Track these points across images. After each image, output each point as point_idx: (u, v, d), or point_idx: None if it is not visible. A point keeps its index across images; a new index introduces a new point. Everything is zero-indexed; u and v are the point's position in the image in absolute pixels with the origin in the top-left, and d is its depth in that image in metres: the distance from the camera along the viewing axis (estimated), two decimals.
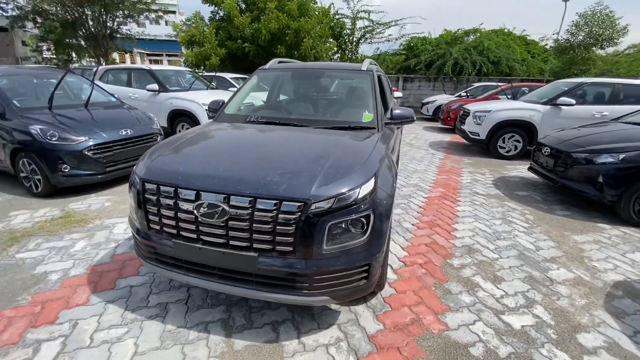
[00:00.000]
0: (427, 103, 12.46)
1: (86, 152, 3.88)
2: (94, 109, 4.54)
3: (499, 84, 10.56)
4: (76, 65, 19.34)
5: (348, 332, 1.99)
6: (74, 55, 20.80)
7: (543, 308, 2.25)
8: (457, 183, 4.99)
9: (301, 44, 12.76)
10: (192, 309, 2.16)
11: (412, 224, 3.49)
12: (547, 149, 4.38)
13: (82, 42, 20.54)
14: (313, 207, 1.61)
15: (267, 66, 3.29)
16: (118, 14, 19.94)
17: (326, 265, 1.68)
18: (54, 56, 20.76)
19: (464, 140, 7.68)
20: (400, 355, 1.83)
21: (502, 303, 2.29)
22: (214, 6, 13.56)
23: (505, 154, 6.67)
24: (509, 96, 8.27)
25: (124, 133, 4.28)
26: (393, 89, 12.34)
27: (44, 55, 21.51)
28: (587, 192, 3.79)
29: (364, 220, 1.72)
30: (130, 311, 2.12)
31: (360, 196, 1.71)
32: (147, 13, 20.91)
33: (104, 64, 19.67)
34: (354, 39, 16.04)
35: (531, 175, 5.28)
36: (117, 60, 25.01)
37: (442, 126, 10.46)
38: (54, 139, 3.73)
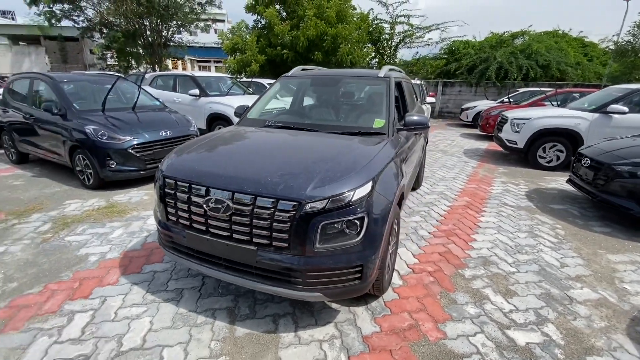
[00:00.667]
0: (467, 109, 11.98)
1: (130, 150, 4.32)
2: (140, 111, 5.04)
3: (546, 89, 9.87)
4: (134, 71, 21.18)
5: (344, 331, 2.05)
6: (133, 62, 22.88)
7: (555, 327, 2.13)
8: (486, 193, 4.79)
9: (338, 50, 12.94)
10: (204, 296, 2.35)
11: (429, 232, 3.44)
12: (586, 160, 4.06)
13: (140, 50, 22.54)
14: (307, 206, 1.71)
15: (289, 74, 3.46)
16: (172, 24, 21.59)
17: (319, 263, 1.77)
18: (117, 63, 23.02)
19: (501, 149, 7.30)
20: (391, 358, 1.85)
21: (509, 318, 2.20)
22: (256, 15, 14.24)
23: (546, 164, 6.24)
24: (556, 102, 7.72)
25: (163, 134, 4.69)
26: (430, 94, 12.10)
27: (108, 63, 23.89)
28: (630, 208, 3.46)
29: (357, 222, 1.79)
30: (151, 293, 2.37)
31: (354, 199, 1.78)
32: (197, 22, 22.41)
33: (157, 70, 21.37)
34: (393, 43, 15.90)
35: (571, 188, 4.91)
36: (170, 67, 27.08)
37: (481, 133, 10.00)
38: (104, 138, 4.22)
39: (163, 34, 22.31)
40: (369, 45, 15.75)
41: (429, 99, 7.24)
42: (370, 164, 2.02)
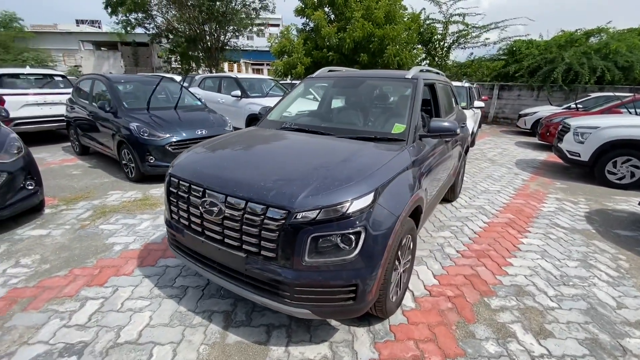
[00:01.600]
0: (525, 115, 10.86)
1: (167, 147, 4.57)
2: (181, 110, 5.33)
3: (624, 94, 8.55)
4: (193, 73, 22.74)
5: (337, 353, 1.89)
6: (193, 65, 24.65)
7: None
8: (534, 210, 4.23)
9: (385, 52, 12.58)
10: (206, 297, 2.34)
11: (457, 251, 3.10)
12: None
13: (200, 54, 24.19)
14: (297, 216, 1.59)
15: (314, 75, 3.37)
16: (228, 29, 22.85)
17: (308, 278, 1.64)
18: (180, 66, 25.01)
19: (561, 161, 6.45)
20: None
21: None
22: (305, 18, 14.43)
23: (616, 181, 5.36)
24: (634, 110, 6.62)
25: (199, 132, 4.90)
26: (483, 97, 11.19)
27: (172, 66, 26.02)
28: None
29: (353, 237, 1.62)
30: (158, 288, 2.43)
31: (349, 211, 1.62)
32: (251, 27, 23.45)
33: (214, 72, 22.74)
34: (445, 44, 15.04)
35: None
36: (226, 69, 28.71)
37: (539, 142, 8.98)
38: (145, 134, 4.51)
39: (220, 38, 23.72)
40: (419, 46, 15.08)
41: (478, 103, 6.64)
42: (375, 173, 1.84)
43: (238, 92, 7.45)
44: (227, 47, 25.80)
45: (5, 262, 2.70)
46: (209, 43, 24.07)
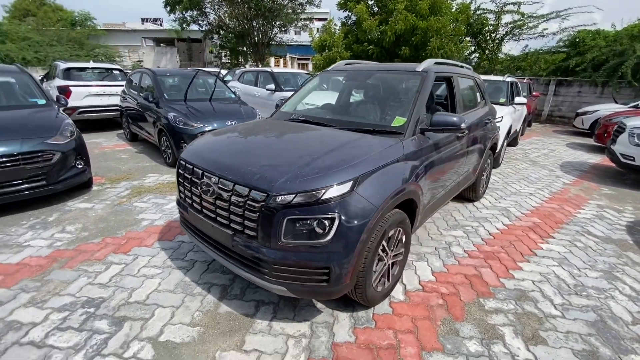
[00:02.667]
0: (584, 114, 9.82)
1: (200, 136, 4.94)
2: (215, 102, 5.70)
3: None
4: (241, 67, 23.81)
5: (316, 332, 1.99)
6: (241, 59, 25.77)
7: None
8: (567, 216, 3.91)
9: (428, 45, 12.11)
10: (209, 271, 2.57)
11: (465, 250, 3.01)
12: None
13: (247, 50, 25.20)
14: (275, 199, 1.71)
15: (329, 68, 3.43)
16: (275, 24, 23.46)
17: (283, 257, 1.75)
18: (229, 61, 26.31)
19: (614, 165, 5.80)
20: None
21: None
22: (347, 11, 14.36)
23: None
24: None
25: (229, 123, 5.21)
26: (534, 93, 10.33)
27: (222, 61, 27.43)
28: None
29: (326, 222, 1.70)
30: (171, 259, 2.71)
31: (324, 197, 1.70)
32: (297, 22, 23.86)
33: (260, 66, 23.61)
34: (497, 36, 14.03)
35: None
36: (273, 64, 29.60)
37: (595, 144, 8.09)
38: (180, 124, 4.92)
39: (267, 34, 24.46)
40: (467, 38, 14.24)
41: (520, 99, 6.17)
42: (359, 163, 1.89)
43: (272, 86, 7.72)
44: (273, 42, 26.54)
45: (54, 227, 3.18)
46: (256, 38, 24.94)
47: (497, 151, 5.31)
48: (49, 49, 20.03)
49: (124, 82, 7.32)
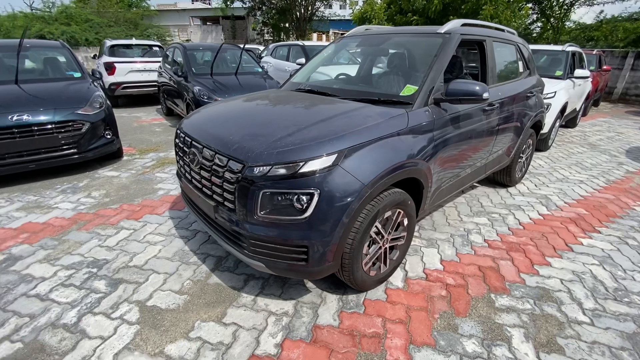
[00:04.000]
0: None
1: None
2: (241, 76, 5.67)
3: None
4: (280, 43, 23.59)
5: (299, 312, 1.91)
6: (283, 35, 25.56)
7: None
8: (622, 209, 3.33)
9: (479, 14, 10.90)
10: (209, 242, 2.59)
11: (485, 240, 2.69)
12: None
13: (289, 26, 24.89)
14: (251, 170, 1.60)
15: (347, 34, 3.15)
16: None
17: (260, 232, 1.66)
18: (272, 38, 26.26)
19: None
20: (325, 358, 1.62)
21: None
22: None
23: None
24: None
25: None
26: (605, 67, 8.93)
27: (265, 38, 27.44)
28: None
29: (304, 197, 1.56)
30: (175, 228, 2.77)
31: (302, 170, 1.55)
32: None
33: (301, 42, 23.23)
34: (566, 1, 12.21)
35: None
36: (315, 39, 29.00)
37: None
38: (204, 97, 4.97)
39: (309, 8, 23.85)
40: (529, 5, 12.57)
41: (580, 72, 5.30)
42: (348, 135, 1.69)
43: (303, 60, 7.48)
44: (316, 17, 25.85)
45: (82, 192, 3.41)
46: (297, 13, 24.46)
47: (545, 131, 4.69)
48: (108, 30, 21.46)
49: None
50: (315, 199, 1.56)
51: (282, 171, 1.56)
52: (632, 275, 2.30)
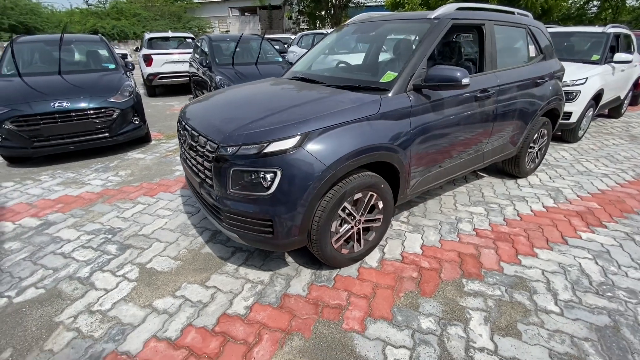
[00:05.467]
0: None
1: None
2: (261, 65, 5.89)
3: None
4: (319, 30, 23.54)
5: (273, 281, 2.09)
6: (319, 24, 25.49)
7: None
8: None
9: None
10: None
11: (475, 229, 2.68)
12: None
13: (324, 14, 24.75)
14: (223, 149, 1.78)
15: (347, 22, 3.20)
16: None
17: (232, 206, 1.85)
18: (307, 27, 26.32)
19: None
20: (287, 322, 1.80)
21: (469, 357, 1.61)
22: None
23: None
24: None
25: None
26: None
27: (301, 27, 27.56)
28: None
29: (267, 176, 1.72)
30: (183, 204, 3.07)
31: (266, 151, 1.70)
32: None
33: None
34: None
35: None
36: None
37: None
38: (225, 85, 5.26)
39: None
40: None
41: (622, 56, 4.81)
42: (314, 119, 1.80)
43: (344, 51, 7.54)
44: (351, 4, 25.42)
45: (111, 171, 3.86)
46: (333, 1, 24.19)
47: (572, 121, 4.39)
48: (154, 23, 22.90)
49: None
50: (279, 177, 1.71)
51: (249, 151, 1.73)
52: (625, 272, 2.19)
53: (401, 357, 1.60)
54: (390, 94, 2.08)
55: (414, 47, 2.26)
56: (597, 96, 4.70)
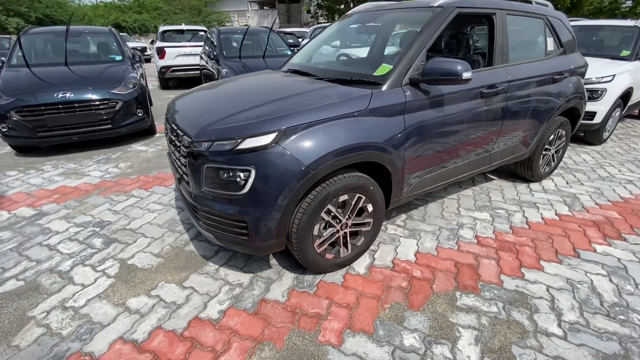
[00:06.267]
0: None
1: None
2: (268, 58, 5.78)
3: None
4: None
5: (252, 285, 1.99)
6: (337, 18, 25.13)
7: None
8: None
9: None
10: None
11: (476, 236, 2.48)
12: None
13: (343, 7, 24.36)
14: (197, 145, 1.68)
15: (350, 12, 3.03)
16: None
17: (207, 205, 1.75)
18: (327, 21, 26.00)
19: None
20: (260, 330, 1.69)
21: None
22: None
23: None
24: None
25: None
26: None
27: (319, 21, 27.24)
28: None
29: (241, 174, 1.61)
30: (175, 199, 3.02)
31: (240, 147, 1.59)
32: None
33: None
34: None
35: None
36: None
37: None
38: None
39: None
40: None
41: None
42: (294, 114, 1.67)
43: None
44: None
45: (112, 163, 3.87)
46: None
47: (596, 122, 4.07)
48: (174, 17, 23.22)
49: None
50: (253, 176, 1.59)
51: (223, 147, 1.62)
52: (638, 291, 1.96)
53: None
54: (383, 88, 1.92)
55: (413, 37, 2.07)
56: (626, 95, 4.32)
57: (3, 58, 4.37)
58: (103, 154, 4.16)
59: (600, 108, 4.09)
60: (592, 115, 4.13)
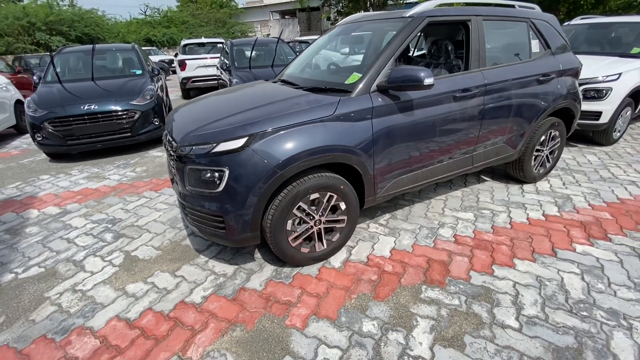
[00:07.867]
0: None
1: None
2: (277, 68, 6.05)
3: None
4: None
5: (235, 275, 2.20)
6: None
7: None
8: None
9: None
10: None
11: (454, 235, 2.56)
12: None
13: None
14: (180, 149, 1.93)
15: (338, 23, 3.21)
16: None
17: (190, 202, 1.99)
18: None
19: None
20: (235, 314, 1.89)
21: None
22: None
23: None
24: None
25: None
26: None
27: None
28: None
29: (216, 174, 1.83)
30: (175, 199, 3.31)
31: (215, 150, 1.81)
32: None
33: None
34: None
35: None
36: None
37: None
38: None
39: None
40: None
41: None
42: (263, 121, 1.88)
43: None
44: (391, 2, 24.95)
45: (130, 168, 4.26)
46: (371, 0, 23.94)
47: (603, 122, 3.98)
48: (200, 30, 24.43)
49: None
50: (227, 175, 1.81)
51: (201, 150, 1.85)
52: (615, 290, 1.96)
53: (331, 357, 1.61)
54: (352, 95, 2.08)
55: (383, 47, 2.22)
56: (636, 94, 4.17)
57: (40, 74, 4.94)
58: (123, 159, 4.59)
59: (606, 107, 3.99)
60: (597, 115, 4.03)
